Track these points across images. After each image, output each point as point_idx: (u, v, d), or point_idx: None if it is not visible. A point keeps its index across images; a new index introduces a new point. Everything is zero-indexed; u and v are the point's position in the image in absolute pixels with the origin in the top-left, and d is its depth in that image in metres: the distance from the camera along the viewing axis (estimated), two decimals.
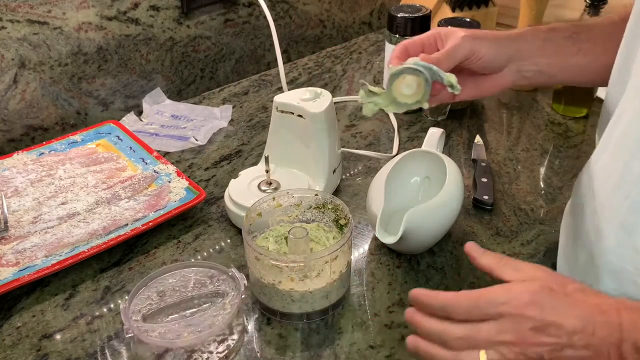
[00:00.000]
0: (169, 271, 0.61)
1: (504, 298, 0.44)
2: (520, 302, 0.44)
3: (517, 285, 0.45)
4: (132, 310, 0.57)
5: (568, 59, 0.65)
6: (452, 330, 0.45)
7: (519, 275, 0.47)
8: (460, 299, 0.46)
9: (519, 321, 0.44)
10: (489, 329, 0.44)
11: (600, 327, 0.42)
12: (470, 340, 0.45)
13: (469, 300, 0.45)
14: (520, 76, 0.65)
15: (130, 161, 0.84)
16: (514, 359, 0.43)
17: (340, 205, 0.64)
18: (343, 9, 1.28)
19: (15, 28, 0.84)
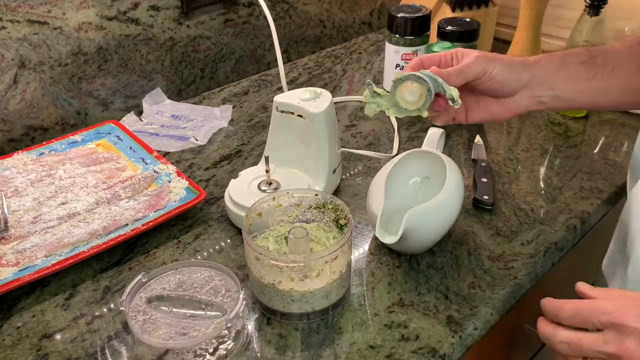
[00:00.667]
0: (169, 270, 0.61)
1: (609, 308, 0.45)
2: (624, 312, 0.44)
3: (623, 298, 0.46)
4: (132, 310, 0.57)
5: (585, 84, 0.64)
6: (558, 333, 0.47)
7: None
8: (567, 304, 0.48)
9: (623, 332, 0.44)
10: (593, 339, 0.45)
11: None
12: (573, 346, 0.46)
13: (573, 305, 0.47)
14: (536, 101, 0.64)
15: (130, 161, 0.84)
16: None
17: (340, 205, 0.64)
18: (343, 9, 1.28)
19: (15, 28, 0.84)
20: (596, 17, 0.90)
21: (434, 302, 0.63)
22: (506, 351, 0.82)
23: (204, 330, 0.55)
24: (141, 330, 0.55)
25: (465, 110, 0.66)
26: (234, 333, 0.59)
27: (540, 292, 0.78)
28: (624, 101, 0.64)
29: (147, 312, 0.57)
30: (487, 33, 1.19)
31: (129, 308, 0.57)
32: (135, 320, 0.56)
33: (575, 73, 0.64)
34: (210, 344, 0.57)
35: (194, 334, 0.55)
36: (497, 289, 0.64)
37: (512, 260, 0.68)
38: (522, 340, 0.85)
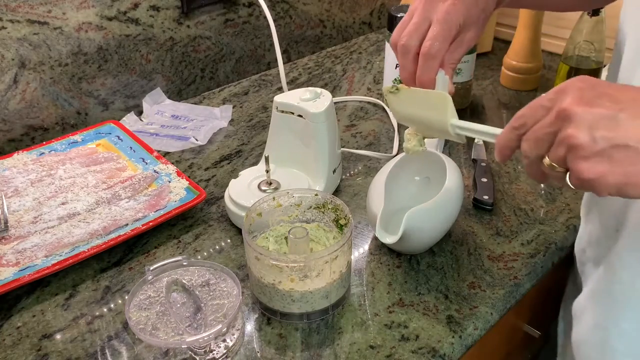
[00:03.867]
0: (169, 270, 0.61)
1: (552, 90, 0.45)
2: (569, 80, 0.44)
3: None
4: (132, 310, 0.57)
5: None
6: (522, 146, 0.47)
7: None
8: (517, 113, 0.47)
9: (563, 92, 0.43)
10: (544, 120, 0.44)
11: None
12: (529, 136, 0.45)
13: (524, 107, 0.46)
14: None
15: (130, 161, 0.84)
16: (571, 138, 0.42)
17: (340, 205, 0.64)
18: (343, 9, 1.28)
19: (15, 28, 0.84)
20: (596, 17, 0.91)
21: (434, 302, 0.63)
22: (506, 351, 0.82)
23: (204, 330, 0.55)
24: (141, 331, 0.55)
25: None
26: (234, 333, 0.59)
27: (541, 292, 0.78)
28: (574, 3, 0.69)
29: (150, 309, 0.57)
30: (487, 33, 1.19)
31: (129, 307, 0.57)
32: (136, 320, 0.56)
33: None
34: (210, 344, 0.57)
35: (194, 333, 0.55)
36: (497, 289, 0.64)
37: (512, 260, 0.68)
38: (522, 340, 0.85)
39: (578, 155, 0.42)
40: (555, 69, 1.03)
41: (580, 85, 0.43)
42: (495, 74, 1.12)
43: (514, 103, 1.03)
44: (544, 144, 0.45)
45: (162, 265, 0.60)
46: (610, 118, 0.41)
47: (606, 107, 0.41)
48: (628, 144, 0.40)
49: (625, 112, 0.41)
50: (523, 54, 1.04)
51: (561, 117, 0.43)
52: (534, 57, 1.04)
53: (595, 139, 0.41)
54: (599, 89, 0.42)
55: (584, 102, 0.42)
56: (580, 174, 0.42)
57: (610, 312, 0.55)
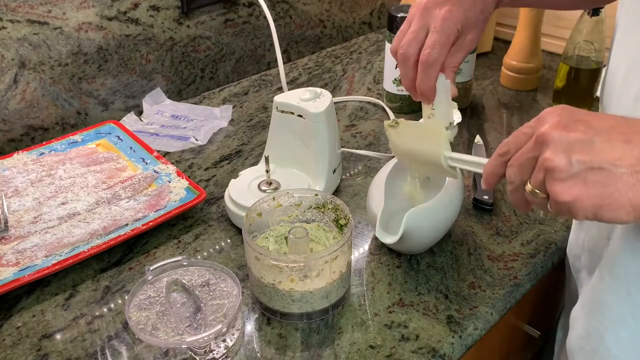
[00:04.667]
0: (169, 270, 0.61)
1: (532, 120, 0.46)
2: (548, 108, 0.45)
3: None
4: (132, 310, 0.57)
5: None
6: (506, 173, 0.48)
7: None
8: (503, 141, 0.48)
9: (541, 119, 0.45)
10: (526, 146, 0.46)
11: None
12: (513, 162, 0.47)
13: (505, 140, 0.48)
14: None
15: (130, 161, 0.84)
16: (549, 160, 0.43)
17: (340, 205, 0.64)
18: (343, 9, 1.28)
19: (15, 28, 0.84)
20: (596, 16, 0.90)
21: (434, 302, 0.63)
22: (506, 351, 0.82)
23: (204, 330, 0.55)
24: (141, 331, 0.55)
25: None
26: (234, 333, 0.59)
27: (541, 292, 0.78)
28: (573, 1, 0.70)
29: (150, 308, 0.57)
30: (487, 33, 1.19)
31: (129, 307, 0.57)
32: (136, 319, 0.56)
33: None
34: (210, 344, 0.57)
35: (194, 333, 0.55)
36: (497, 289, 0.64)
37: (512, 260, 0.68)
38: (522, 340, 0.85)
39: (555, 178, 0.43)
40: (555, 69, 1.03)
41: (559, 112, 0.44)
42: (495, 74, 1.12)
43: (514, 103, 1.03)
44: (526, 170, 0.46)
45: (162, 265, 0.60)
46: (586, 142, 0.42)
47: (581, 131, 0.43)
48: (602, 166, 0.41)
49: (600, 136, 0.42)
50: (523, 54, 1.04)
51: (540, 142, 0.44)
52: (534, 57, 1.04)
53: (571, 161, 0.42)
54: (576, 116, 0.44)
55: (561, 127, 0.43)
56: (557, 196, 0.43)
57: (605, 320, 0.55)
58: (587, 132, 0.42)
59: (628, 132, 0.42)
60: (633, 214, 0.42)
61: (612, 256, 0.54)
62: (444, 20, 0.56)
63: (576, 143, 0.42)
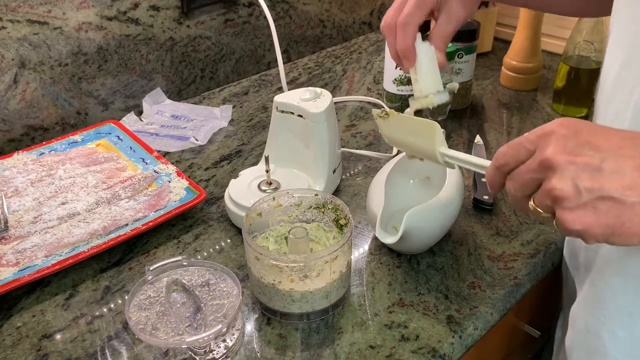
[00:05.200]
0: (169, 270, 0.61)
1: (533, 130, 0.44)
2: (552, 124, 0.44)
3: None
4: (132, 310, 0.57)
5: None
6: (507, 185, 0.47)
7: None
8: (499, 150, 0.47)
9: (546, 138, 0.43)
10: (527, 163, 0.44)
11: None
12: (514, 176, 0.45)
13: (505, 145, 0.46)
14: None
15: (130, 161, 0.84)
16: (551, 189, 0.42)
17: (340, 205, 0.64)
18: (343, 9, 1.28)
19: (15, 28, 0.84)
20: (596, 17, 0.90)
21: (434, 302, 0.63)
22: (506, 351, 0.82)
23: (204, 330, 0.55)
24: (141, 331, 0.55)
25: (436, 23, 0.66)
26: (234, 333, 0.59)
27: (541, 292, 0.78)
28: (571, 9, 0.70)
29: (150, 308, 0.57)
30: (487, 33, 1.19)
31: (129, 307, 0.57)
32: (136, 319, 0.56)
33: None
34: (210, 344, 0.57)
35: (194, 333, 0.55)
36: (497, 289, 0.64)
37: (512, 260, 0.68)
38: (522, 340, 0.85)
39: (563, 207, 0.42)
40: (555, 69, 1.03)
41: (564, 133, 0.43)
42: (495, 74, 1.12)
43: (514, 103, 1.03)
44: (528, 188, 0.45)
45: (162, 265, 0.60)
46: (594, 169, 0.41)
47: (589, 156, 0.41)
48: (613, 195, 0.40)
49: (608, 162, 0.41)
50: (523, 54, 1.04)
51: (545, 167, 0.43)
52: (534, 57, 1.04)
53: (580, 191, 0.41)
54: (582, 137, 0.42)
55: (567, 152, 0.42)
56: (567, 224, 0.42)
57: (602, 318, 0.55)
58: (594, 156, 0.41)
59: (636, 155, 0.41)
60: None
61: (610, 254, 0.54)
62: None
63: (584, 170, 0.41)
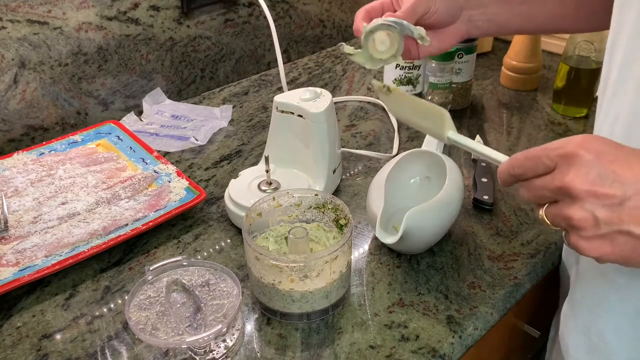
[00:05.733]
0: (169, 270, 0.61)
1: (557, 144, 0.44)
2: (571, 141, 0.43)
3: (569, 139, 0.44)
4: (132, 310, 0.57)
5: (514, 8, 0.67)
6: (521, 191, 0.47)
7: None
8: (515, 157, 0.46)
9: (570, 161, 0.42)
10: (545, 178, 0.44)
11: None
12: (529, 187, 0.45)
13: (523, 155, 0.46)
14: (473, 26, 0.68)
15: (130, 161, 0.84)
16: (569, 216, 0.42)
17: (340, 205, 0.64)
18: (343, 9, 1.28)
19: (15, 28, 0.84)
20: None
21: (434, 302, 0.63)
22: (506, 351, 0.82)
23: (204, 330, 0.55)
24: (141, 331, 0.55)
25: (415, 46, 0.68)
26: (234, 333, 0.59)
27: (541, 292, 0.78)
28: (549, 27, 0.70)
29: (150, 308, 0.57)
30: None
31: (129, 307, 0.57)
32: (136, 319, 0.56)
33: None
34: (210, 344, 0.57)
35: (194, 333, 0.55)
36: (497, 289, 0.64)
37: (512, 260, 0.68)
38: (522, 340, 0.85)
39: (580, 235, 0.42)
40: (555, 69, 1.03)
41: (587, 158, 0.42)
42: (495, 74, 1.12)
43: (514, 103, 1.03)
44: (543, 200, 0.45)
45: (162, 265, 0.60)
46: (615, 203, 0.41)
47: (612, 188, 0.41)
48: (631, 230, 0.41)
49: (630, 200, 0.41)
50: (523, 54, 1.04)
51: (564, 193, 0.43)
52: (534, 57, 1.04)
53: (599, 223, 0.41)
54: (604, 164, 0.42)
55: (589, 182, 0.41)
56: (582, 251, 0.43)
57: (606, 315, 0.55)
58: (616, 188, 0.41)
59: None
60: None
61: None
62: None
63: (604, 204, 0.41)
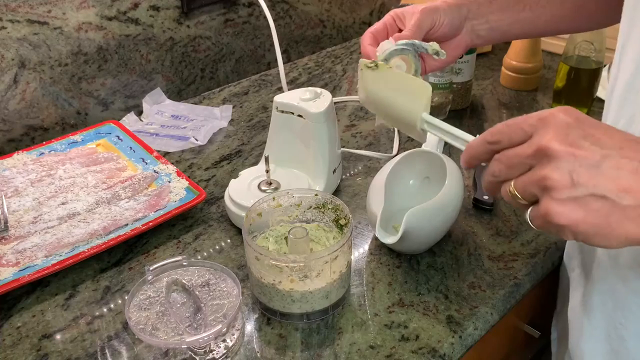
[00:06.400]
0: (169, 270, 0.61)
1: (534, 114, 0.43)
2: (553, 109, 0.42)
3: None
4: (132, 310, 0.57)
5: (516, 15, 0.68)
6: (491, 164, 0.45)
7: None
8: (495, 126, 0.45)
9: (546, 124, 0.41)
10: (521, 147, 0.42)
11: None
12: (502, 158, 0.44)
13: (502, 123, 0.44)
14: (476, 35, 0.69)
15: (130, 161, 0.84)
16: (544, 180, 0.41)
17: (340, 205, 0.64)
18: (343, 9, 1.28)
19: (15, 28, 0.84)
20: None
21: (434, 302, 0.63)
22: (506, 351, 0.82)
23: (204, 330, 0.55)
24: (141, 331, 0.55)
25: (422, 62, 0.68)
26: (234, 333, 0.59)
27: (541, 292, 0.78)
28: (550, 29, 0.71)
29: (150, 308, 0.57)
30: None
31: (129, 307, 0.57)
32: (136, 319, 0.56)
33: (506, 5, 0.68)
34: (210, 344, 0.57)
35: (194, 333, 0.55)
36: (497, 289, 0.64)
37: (512, 260, 0.68)
38: (522, 340, 0.85)
39: (553, 197, 0.40)
40: (555, 69, 1.03)
41: (567, 120, 0.41)
42: (495, 74, 1.12)
43: (514, 103, 1.03)
44: (515, 171, 0.43)
45: (162, 265, 0.60)
46: (592, 165, 0.40)
47: (590, 150, 0.40)
48: (606, 195, 0.39)
49: (609, 160, 0.40)
50: (523, 54, 1.04)
51: (541, 154, 0.41)
52: (534, 57, 1.04)
53: (574, 184, 0.40)
54: (585, 129, 0.41)
55: (568, 142, 0.40)
56: (552, 217, 0.41)
57: (627, 322, 0.54)
58: (595, 151, 0.40)
59: (636, 158, 0.40)
60: (623, 243, 0.40)
61: (634, 258, 0.53)
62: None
63: (582, 164, 0.40)
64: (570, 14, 0.69)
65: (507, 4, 0.68)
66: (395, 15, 0.66)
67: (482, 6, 0.68)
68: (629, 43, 0.54)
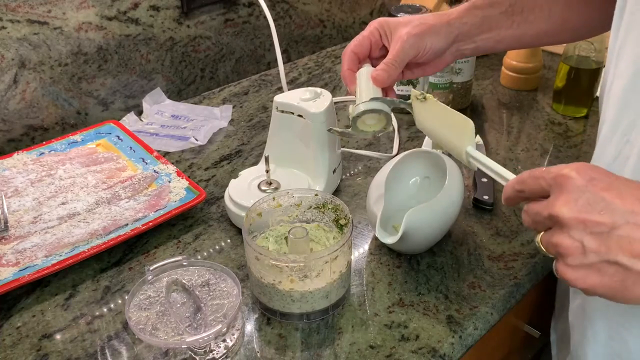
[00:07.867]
0: (169, 270, 0.61)
1: (554, 168, 0.44)
2: (570, 167, 0.43)
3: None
4: (132, 310, 0.57)
5: (503, 32, 0.68)
6: (522, 214, 0.47)
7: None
8: (521, 174, 0.47)
9: (561, 187, 0.42)
10: (541, 203, 0.44)
11: None
12: (527, 210, 0.45)
13: (527, 172, 0.46)
14: (460, 54, 0.69)
15: (130, 161, 0.84)
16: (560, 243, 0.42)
17: (340, 205, 0.64)
18: (343, 9, 1.28)
19: (15, 28, 0.84)
20: None
21: (434, 302, 0.63)
22: (506, 351, 0.82)
23: (204, 330, 0.55)
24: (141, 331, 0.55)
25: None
26: (233, 333, 0.59)
27: (541, 292, 0.78)
28: (534, 43, 0.73)
29: (149, 308, 0.57)
30: None
31: (129, 307, 0.57)
32: (136, 319, 0.56)
33: (496, 24, 0.68)
34: (210, 344, 0.57)
35: (194, 333, 0.55)
36: (497, 289, 0.64)
37: (512, 260, 0.68)
38: (522, 340, 0.85)
39: (567, 263, 0.42)
40: (555, 69, 1.03)
41: (579, 184, 0.42)
42: (495, 74, 1.12)
43: (514, 103, 1.03)
44: (540, 227, 0.45)
45: (162, 265, 0.60)
46: (604, 232, 0.40)
47: (601, 217, 0.40)
48: (619, 261, 0.40)
49: (620, 228, 0.40)
50: (523, 54, 1.04)
51: (554, 221, 0.43)
52: (534, 57, 1.04)
53: (586, 251, 0.41)
54: (597, 192, 0.41)
55: (577, 209, 0.41)
56: (569, 281, 0.42)
57: (628, 324, 0.54)
58: (606, 217, 0.40)
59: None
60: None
61: None
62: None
63: (593, 231, 0.40)
64: (556, 28, 0.69)
65: (496, 22, 0.68)
66: (382, 29, 0.66)
67: (472, 28, 0.67)
68: (627, 44, 0.54)
